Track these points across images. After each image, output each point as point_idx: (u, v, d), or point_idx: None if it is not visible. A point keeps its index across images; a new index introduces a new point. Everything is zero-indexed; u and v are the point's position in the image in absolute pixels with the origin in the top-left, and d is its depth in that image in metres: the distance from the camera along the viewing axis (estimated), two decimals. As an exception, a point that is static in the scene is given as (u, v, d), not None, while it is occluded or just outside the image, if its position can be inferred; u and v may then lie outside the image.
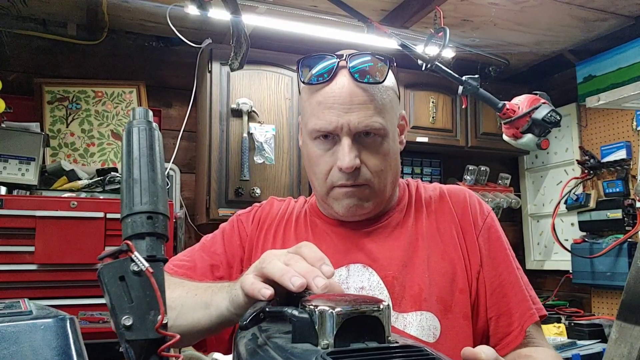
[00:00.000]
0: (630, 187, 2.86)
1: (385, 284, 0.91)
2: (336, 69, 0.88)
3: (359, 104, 0.87)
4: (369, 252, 0.94)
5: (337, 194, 0.92)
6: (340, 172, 0.89)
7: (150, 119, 0.67)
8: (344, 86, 0.88)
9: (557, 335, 2.68)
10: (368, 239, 0.96)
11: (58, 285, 1.93)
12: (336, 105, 0.87)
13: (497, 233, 1.01)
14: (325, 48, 2.92)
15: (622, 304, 1.34)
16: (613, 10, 2.66)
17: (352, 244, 0.96)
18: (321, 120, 0.88)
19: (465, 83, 1.52)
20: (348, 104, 0.87)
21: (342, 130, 0.87)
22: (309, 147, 0.93)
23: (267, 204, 1.08)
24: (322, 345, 0.50)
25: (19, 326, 0.49)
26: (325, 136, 0.90)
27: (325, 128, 0.88)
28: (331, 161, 0.90)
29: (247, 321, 0.59)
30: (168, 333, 0.55)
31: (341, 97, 0.87)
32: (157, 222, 0.60)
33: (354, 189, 0.91)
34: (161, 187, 0.63)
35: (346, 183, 0.90)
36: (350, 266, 0.93)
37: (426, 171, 3.29)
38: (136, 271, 0.55)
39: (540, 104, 1.47)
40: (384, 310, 0.52)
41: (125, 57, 2.88)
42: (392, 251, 0.94)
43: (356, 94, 0.87)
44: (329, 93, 0.88)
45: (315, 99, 0.90)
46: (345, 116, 0.87)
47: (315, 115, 0.89)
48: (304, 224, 1.02)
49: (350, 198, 0.92)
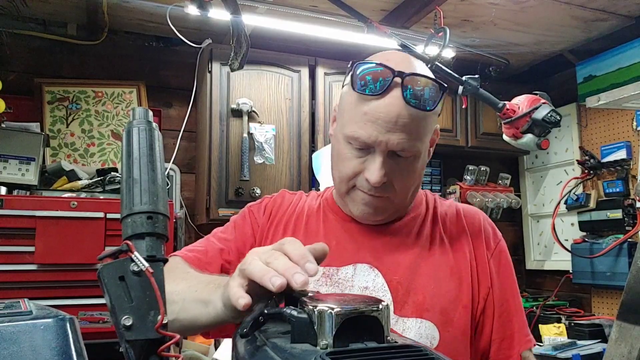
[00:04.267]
0: (630, 187, 2.86)
1: (389, 287, 0.92)
2: (390, 84, 0.86)
3: (402, 126, 0.86)
4: (378, 254, 0.95)
5: (357, 196, 0.93)
6: (366, 182, 0.90)
7: (150, 119, 0.67)
8: (393, 105, 0.86)
9: (557, 335, 2.68)
10: (379, 240, 0.97)
11: (58, 285, 1.92)
12: (380, 122, 0.86)
13: (508, 259, 1.03)
14: (325, 48, 2.94)
15: (622, 304, 1.34)
16: (613, 10, 2.66)
17: (362, 244, 0.97)
18: (362, 130, 0.87)
19: (465, 83, 1.52)
20: (392, 124, 0.86)
21: (379, 146, 0.87)
22: (342, 146, 0.93)
23: (278, 196, 1.08)
24: (321, 346, 0.50)
25: (19, 326, 0.49)
26: (361, 147, 0.90)
27: (364, 140, 0.88)
28: (360, 168, 0.90)
29: (247, 329, 0.58)
30: (168, 333, 0.55)
31: (388, 116, 0.86)
32: (157, 222, 0.60)
33: (374, 199, 0.92)
34: (161, 187, 0.63)
35: (369, 192, 0.91)
36: (357, 265, 0.94)
37: (426, 171, 3.28)
38: (136, 271, 0.55)
39: (540, 104, 1.47)
40: (383, 310, 0.52)
41: (125, 57, 2.88)
42: (401, 257, 0.95)
43: (402, 116, 0.86)
44: (376, 107, 0.86)
45: (361, 108, 0.88)
46: (387, 134, 0.86)
47: (357, 123, 0.88)
48: (316, 218, 1.02)
49: (368, 206, 0.93)
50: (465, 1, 2.53)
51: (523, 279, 3.67)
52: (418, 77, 0.87)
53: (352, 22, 2.46)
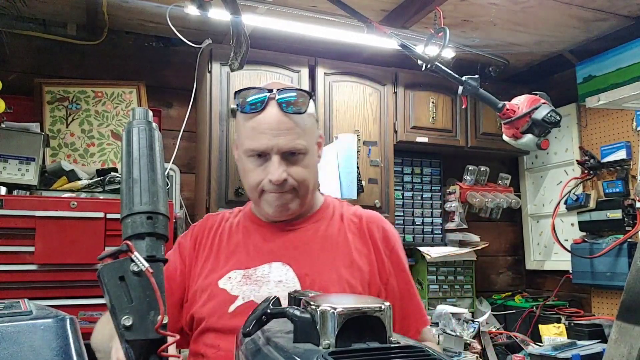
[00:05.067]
0: (630, 187, 2.86)
1: (299, 279, 1.09)
2: (267, 100, 1.08)
3: (286, 130, 1.07)
4: (289, 252, 1.13)
5: (268, 198, 1.12)
6: (270, 183, 1.09)
7: (150, 119, 0.67)
8: (273, 115, 1.07)
9: (557, 335, 2.68)
10: (290, 241, 1.15)
11: (58, 285, 1.92)
12: (267, 131, 1.07)
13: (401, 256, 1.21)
14: (325, 48, 2.93)
15: (622, 304, 1.34)
16: (613, 10, 2.66)
17: (275, 245, 1.15)
18: (255, 142, 1.08)
19: (465, 83, 1.52)
20: (276, 130, 1.07)
21: (272, 150, 1.08)
22: (245, 163, 1.13)
23: (202, 221, 1.27)
24: (324, 345, 0.50)
25: (19, 326, 0.49)
26: (259, 155, 1.10)
27: (259, 149, 1.08)
28: (263, 174, 1.10)
29: (249, 328, 0.59)
30: (168, 333, 0.55)
31: (271, 124, 1.07)
32: (157, 222, 0.60)
33: (282, 195, 1.11)
34: (161, 187, 0.63)
35: (275, 190, 1.10)
36: (272, 264, 1.12)
37: (426, 171, 3.29)
38: (136, 271, 0.55)
39: (540, 104, 1.47)
40: (386, 310, 0.52)
41: (125, 57, 2.88)
42: (308, 253, 1.13)
43: (283, 122, 1.07)
44: (261, 120, 1.08)
45: (250, 125, 1.09)
46: (275, 139, 1.07)
47: (250, 137, 1.09)
48: (236, 230, 1.21)
49: (279, 201, 1.12)
50: (465, 1, 2.53)
51: (523, 279, 3.67)
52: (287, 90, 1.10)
53: (352, 22, 2.46)
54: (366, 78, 2.96)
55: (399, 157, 3.14)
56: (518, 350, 2.71)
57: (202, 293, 1.12)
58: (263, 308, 0.59)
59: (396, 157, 3.08)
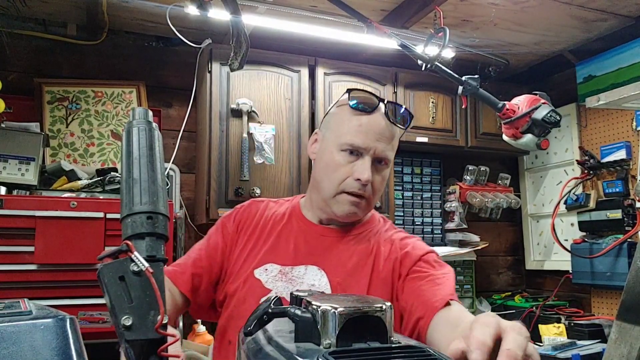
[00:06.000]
0: (630, 187, 2.86)
1: (331, 286, 1.11)
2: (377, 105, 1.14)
3: (386, 137, 1.13)
4: (327, 259, 1.15)
5: (343, 199, 1.13)
6: (356, 181, 1.11)
7: (150, 119, 0.67)
8: (381, 120, 1.13)
9: (557, 335, 2.68)
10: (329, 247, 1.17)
11: (58, 285, 1.92)
12: (370, 132, 1.11)
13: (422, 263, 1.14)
14: (325, 48, 2.94)
15: (622, 304, 1.34)
16: (613, 10, 2.66)
17: (315, 248, 1.17)
18: (356, 138, 1.11)
19: (465, 83, 1.52)
20: (379, 134, 1.12)
21: (368, 151, 1.11)
22: (334, 156, 1.14)
23: (247, 206, 1.28)
24: (325, 345, 0.50)
25: (19, 326, 0.49)
26: (352, 152, 1.12)
27: (359, 145, 1.11)
28: (349, 172, 1.12)
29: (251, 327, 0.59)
30: (168, 333, 0.55)
31: (377, 127, 1.12)
32: (157, 222, 0.60)
33: (358, 199, 1.13)
34: (161, 187, 0.63)
35: (357, 192, 1.12)
36: (308, 267, 1.14)
37: (426, 171, 3.29)
38: (136, 271, 0.55)
39: (540, 104, 1.47)
40: (387, 310, 0.52)
41: (125, 57, 2.88)
42: (343, 262, 1.14)
43: (387, 129, 1.13)
44: (368, 120, 1.12)
45: (355, 121, 1.13)
46: (376, 142, 1.11)
47: (352, 133, 1.12)
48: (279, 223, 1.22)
49: (352, 206, 1.13)
50: (465, 1, 2.53)
51: (523, 279, 3.67)
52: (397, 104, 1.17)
53: (352, 22, 2.46)
54: (366, 78, 2.97)
55: (399, 157, 3.14)
56: (518, 350, 2.70)
57: (237, 276, 1.16)
58: (264, 307, 0.60)
59: (396, 157, 3.06)
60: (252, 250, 1.19)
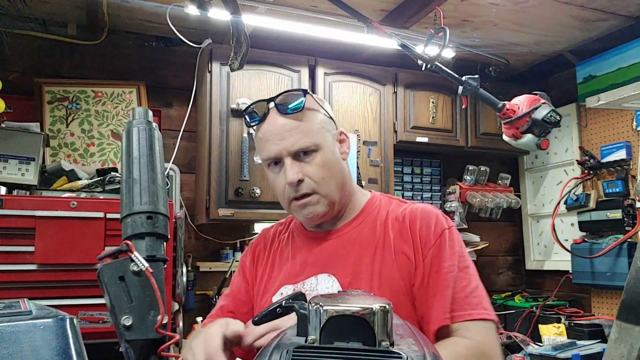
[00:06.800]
0: (630, 187, 2.86)
1: (343, 289, 1.09)
2: (266, 108, 1.11)
3: (288, 131, 1.08)
4: (333, 261, 1.13)
5: (294, 206, 1.12)
6: (289, 186, 1.09)
7: (150, 119, 0.67)
8: (275, 120, 1.10)
9: (556, 335, 2.68)
10: (333, 248, 1.14)
11: (58, 285, 1.92)
12: (272, 137, 1.09)
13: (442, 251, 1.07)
14: (325, 48, 2.94)
15: (622, 304, 1.34)
16: (613, 10, 2.66)
17: (321, 255, 1.15)
18: (266, 151, 1.11)
19: (465, 83, 1.52)
20: (280, 133, 1.09)
21: (282, 154, 1.09)
22: (268, 174, 1.16)
23: (259, 237, 1.31)
24: (309, 341, 0.51)
25: (19, 326, 0.49)
26: (275, 162, 1.11)
27: (269, 156, 1.10)
28: (283, 181, 1.10)
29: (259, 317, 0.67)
30: (168, 333, 0.55)
31: (274, 129, 1.09)
32: (157, 222, 0.60)
33: (304, 200, 1.10)
34: (161, 187, 0.63)
35: (296, 195, 1.10)
36: (318, 276, 1.12)
37: (426, 171, 3.29)
38: (136, 271, 0.55)
39: (540, 104, 1.47)
40: (377, 312, 0.52)
41: (125, 57, 2.88)
42: (348, 259, 1.11)
43: (285, 124, 1.09)
44: (265, 129, 1.11)
45: (259, 136, 1.13)
46: (281, 143, 1.08)
47: (262, 149, 1.12)
48: (286, 243, 1.23)
49: (304, 208, 1.11)
50: (465, 1, 2.53)
51: (523, 278, 3.67)
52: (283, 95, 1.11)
53: (352, 22, 2.46)
54: (366, 78, 2.97)
55: (399, 157, 3.14)
56: (518, 350, 2.71)
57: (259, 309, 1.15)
58: (278, 301, 0.65)
59: (396, 157, 3.08)
60: (269, 279, 1.19)
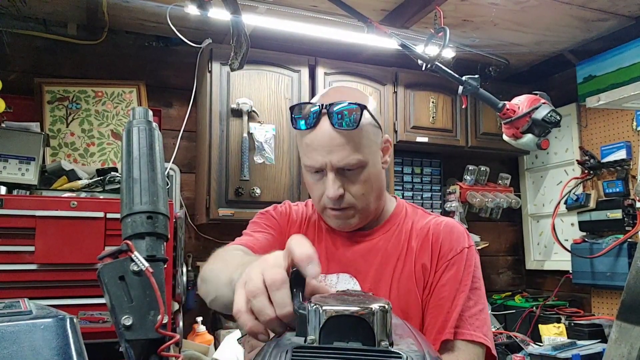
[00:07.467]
0: (630, 187, 2.86)
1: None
2: (319, 115, 1.05)
3: (338, 146, 1.04)
4: (356, 264, 1.14)
5: (329, 214, 1.12)
6: (328, 199, 1.08)
7: (150, 119, 0.67)
8: (325, 131, 1.04)
9: (557, 335, 2.68)
10: (358, 251, 1.15)
11: (58, 285, 1.92)
12: (319, 148, 1.05)
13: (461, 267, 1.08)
14: (325, 48, 2.94)
15: (622, 304, 1.34)
16: (613, 10, 2.66)
17: (345, 255, 1.15)
18: (310, 159, 1.08)
19: (465, 83, 1.52)
20: (329, 146, 1.04)
21: (326, 167, 1.06)
22: (306, 177, 1.14)
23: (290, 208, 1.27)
24: (309, 341, 0.51)
25: (19, 326, 0.49)
26: (316, 171, 1.09)
27: (313, 166, 1.08)
28: (322, 189, 1.09)
29: None
30: (168, 333, 0.55)
31: (323, 141, 1.05)
32: (157, 222, 0.60)
33: (340, 212, 1.10)
34: (161, 187, 0.63)
35: (334, 207, 1.10)
36: (340, 275, 1.13)
37: (426, 171, 3.29)
38: (136, 271, 0.55)
39: (540, 104, 1.47)
40: (377, 312, 0.52)
41: (125, 57, 2.88)
42: (371, 265, 1.12)
43: (335, 138, 1.04)
44: (313, 137, 1.06)
45: (304, 142, 1.08)
46: (328, 156, 1.05)
47: (306, 154, 1.09)
48: (313, 229, 1.22)
49: (338, 219, 1.12)
50: (466, 1, 2.53)
51: (523, 278, 3.67)
52: (337, 104, 1.04)
53: (352, 22, 2.46)
54: (366, 78, 2.97)
55: (399, 157, 3.14)
56: (518, 350, 2.71)
57: None
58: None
59: (396, 157, 3.08)
60: None
